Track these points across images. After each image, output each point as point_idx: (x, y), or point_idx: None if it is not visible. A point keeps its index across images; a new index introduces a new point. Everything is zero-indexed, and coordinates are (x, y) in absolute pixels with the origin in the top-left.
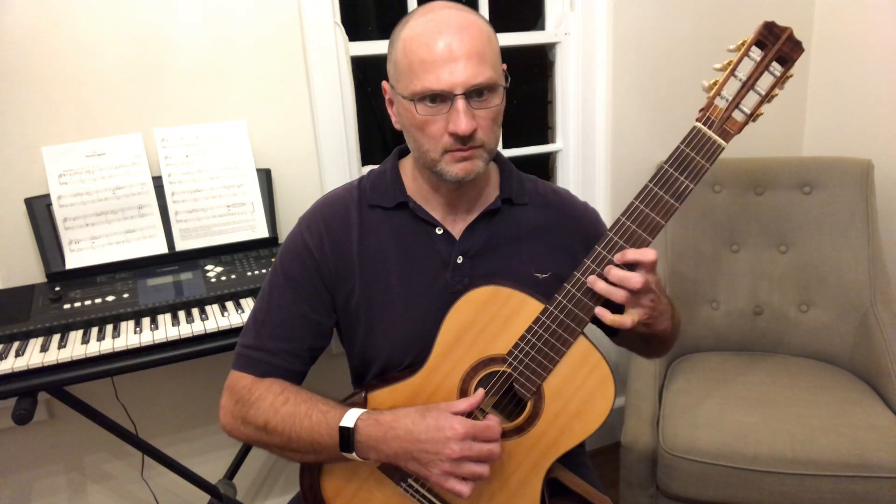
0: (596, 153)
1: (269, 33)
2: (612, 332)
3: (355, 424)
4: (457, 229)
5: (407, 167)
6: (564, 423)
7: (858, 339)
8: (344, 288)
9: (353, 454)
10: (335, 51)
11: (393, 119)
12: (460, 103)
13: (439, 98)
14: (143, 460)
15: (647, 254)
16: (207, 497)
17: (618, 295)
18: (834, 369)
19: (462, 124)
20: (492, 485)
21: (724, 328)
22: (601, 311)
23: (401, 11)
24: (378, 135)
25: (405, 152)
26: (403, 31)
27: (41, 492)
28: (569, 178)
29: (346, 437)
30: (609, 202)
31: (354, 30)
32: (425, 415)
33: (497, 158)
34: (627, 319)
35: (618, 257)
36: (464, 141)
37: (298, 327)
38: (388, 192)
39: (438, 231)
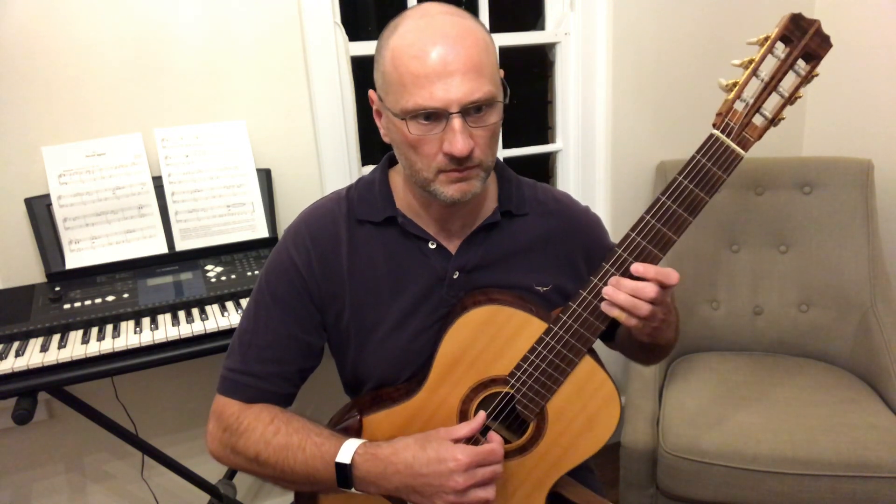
0: (596, 153)
1: (269, 33)
2: (608, 336)
3: (352, 460)
4: (452, 243)
5: (397, 178)
6: (568, 442)
7: (858, 339)
8: (334, 306)
9: (353, 489)
10: (335, 51)
11: (381, 132)
12: (456, 122)
13: (433, 116)
14: (143, 460)
15: (670, 276)
16: (207, 497)
17: (641, 309)
18: (834, 369)
19: (458, 145)
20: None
21: (724, 328)
22: (607, 307)
23: (401, 11)
24: (378, 135)
25: (395, 159)
26: (392, 39)
27: (41, 492)
28: (569, 178)
29: (344, 473)
30: (609, 202)
31: (354, 30)
32: (425, 446)
33: (496, 166)
34: (633, 321)
35: (638, 270)
36: (460, 161)
37: (287, 349)
38: (376, 206)
39: (432, 245)
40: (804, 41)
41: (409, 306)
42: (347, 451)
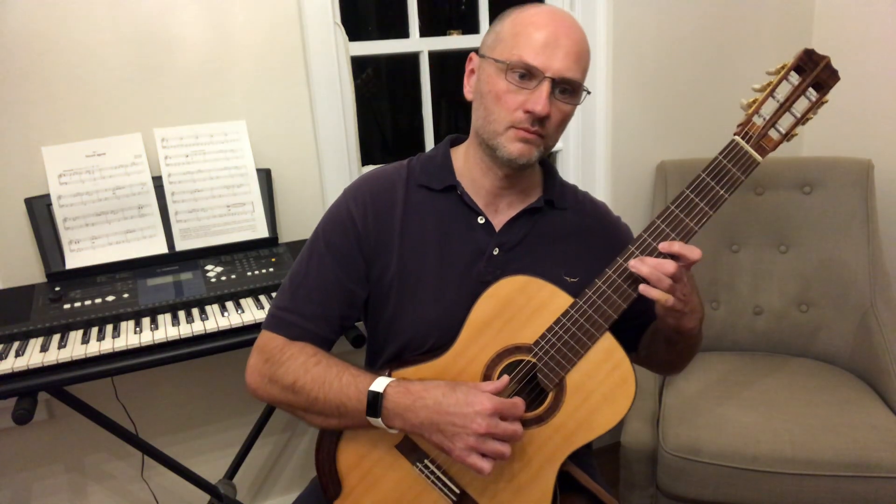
0: (596, 153)
1: (269, 33)
2: (629, 347)
3: (384, 390)
4: (497, 221)
5: (459, 154)
6: (583, 416)
7: (858, 339)
8: (381, 261)
9: (379, 420)
10: (335, 51)
11: (466, 89)
12: (546, 86)
13: (528, 75)
14: (143, 460)
15: (693, 251)
16: (207, 497)
17: (663, 282)
18: (834, 369)
19: (540, 104)
20: (508, 471)
21: (724, 328)
22: (645, 288)
23: (401, 11)
24: (378, 135)
25: (456, 142)
26: (517, 11)
27: (41, 492)
28: (569, 178)
29: (374, 402)
30: (609, 202)
31: (354, 30)
32: (455, 388)
33: (544, 163)
34: (671, 299)
35: (664, 246)
36: (533, 122)
37: (334, 294)
38: (437, 174)
39: (480, 220)
40: (815, 72)
41: (449, 275)
42: (381, 382)
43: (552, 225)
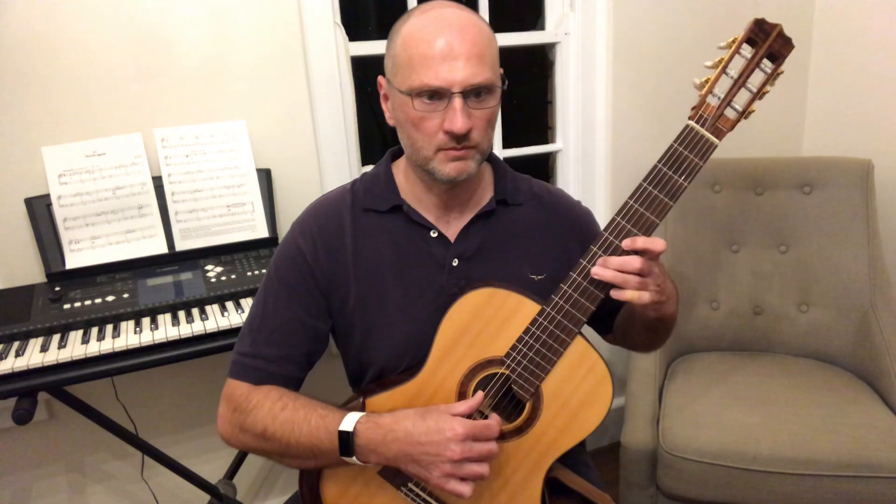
0: (596, 153)
1: (269, 33)
2: (605, 329)
3: (354, 428)
4: (451, 231)
5: (400, 168)
6: (563, 423)
7: (858, 339)
8: (339, 293)
9: (354, 458)
10: (335, 51)
11: (387, 115)
12: (457, 101)
13: (437, 95)
14: (143, 460)
15: (656, 243)
16: (207, 497)
17: (631, 281)
18: (834, 369)
19: (458, 123)
20: (492, 486)
21: (724, 328)
22: (617, 293)
23: (401, 11)
24: (378, 135)
25: (398, 154)
26: (404, 27)
27: (41, 492)
28: (569, 178)
29: (346, 442)
30: (609, 202)
31: (354, 30)
32: (425, 417)
33: (490, 159)
34: (646, 296)
35: (627, 243)
36: (458, 140)
37: (294, 333)
38: (381, 196)
39: (433, 234)
40: (767, 43)
41: (411, 293)
42: (350, 420)
43: (508, 224)
